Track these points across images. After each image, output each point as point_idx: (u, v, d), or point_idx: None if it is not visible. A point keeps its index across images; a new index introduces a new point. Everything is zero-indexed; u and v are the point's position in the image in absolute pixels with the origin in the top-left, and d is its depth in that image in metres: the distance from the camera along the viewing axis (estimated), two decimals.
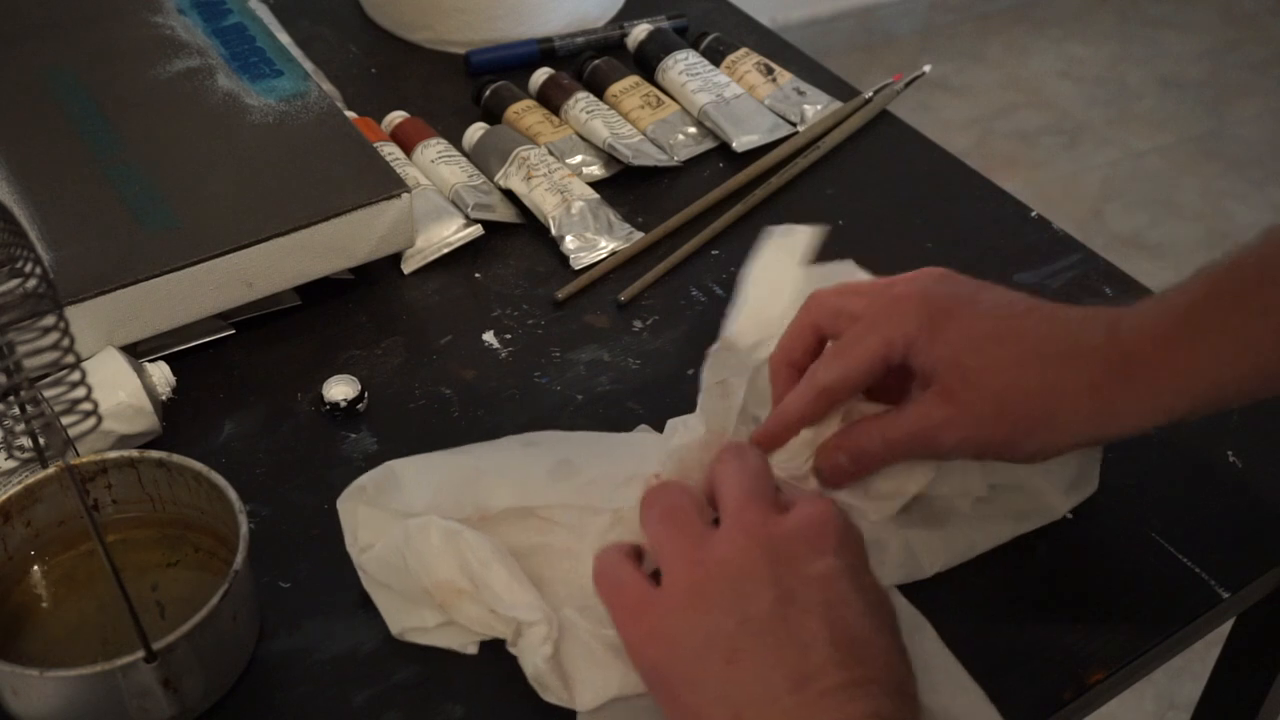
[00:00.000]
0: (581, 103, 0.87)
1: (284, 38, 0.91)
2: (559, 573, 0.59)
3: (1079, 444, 0.59)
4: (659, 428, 0.65)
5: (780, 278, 0.67)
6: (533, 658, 0.55)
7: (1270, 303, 0.53)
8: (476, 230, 0.79)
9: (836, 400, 0.59)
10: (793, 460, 0.61)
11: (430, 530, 0.57)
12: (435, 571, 0.57)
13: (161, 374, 0.68)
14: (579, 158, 0.84)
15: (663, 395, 0.70)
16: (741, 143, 0.86)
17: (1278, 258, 0.54)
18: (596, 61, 0.90)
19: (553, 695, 0.56)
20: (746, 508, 0.53)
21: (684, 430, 0.61)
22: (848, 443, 0.59)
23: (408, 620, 0.59)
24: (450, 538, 0.57)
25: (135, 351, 0.70)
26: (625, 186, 0.84)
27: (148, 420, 0.66)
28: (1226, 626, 0.71)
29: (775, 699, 0.48)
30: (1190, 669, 1.47)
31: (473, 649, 0.59)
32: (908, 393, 0.59)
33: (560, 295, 0.76)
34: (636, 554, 0.56)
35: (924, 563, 0.61)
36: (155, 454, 0.60)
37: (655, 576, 0.54)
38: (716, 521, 0.54)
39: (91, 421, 0.48)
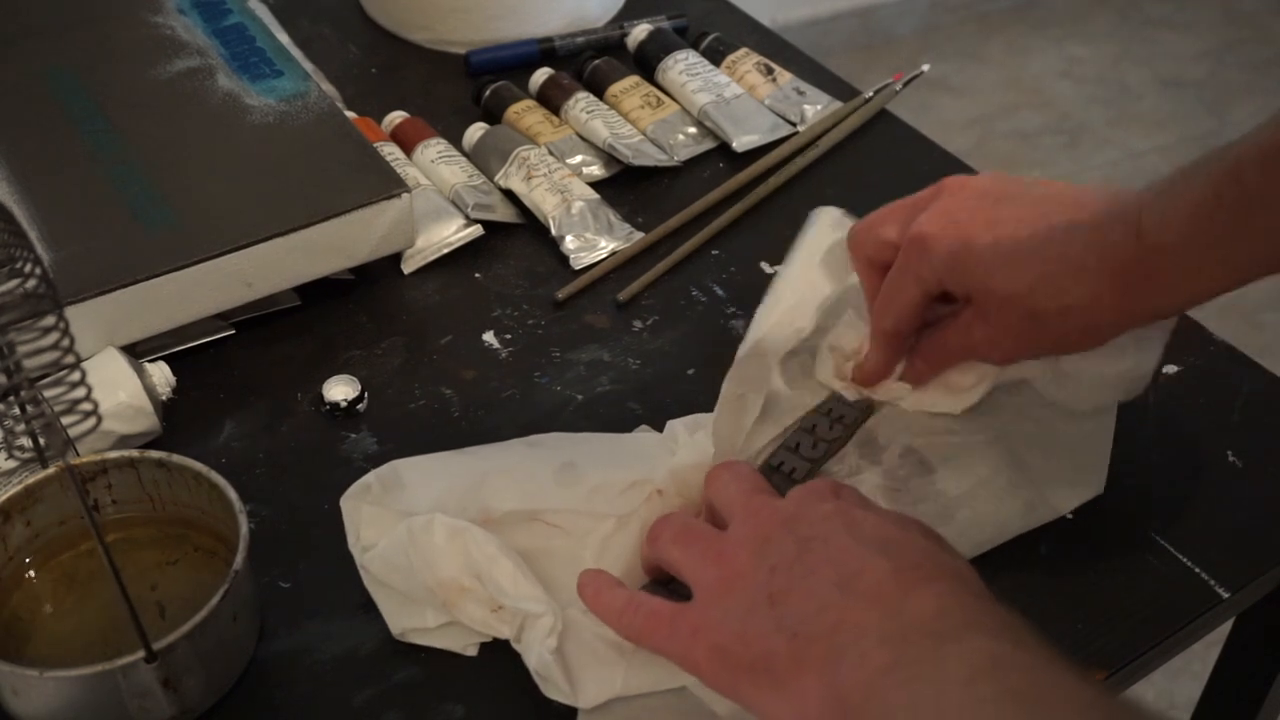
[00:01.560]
0: (581, 103, 0.87)
1: (284, 38, 0.91)
2: (562, 576, 0.59)
3: (1117, 334, 0.60)
4: (659, 428, 0.65)
5: (813, 276, 0.67)
6: (538, 649, 0.55)
7: None
8: (476, 230, 0.79)
9: (906, 336, 0.64)
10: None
11: (435, 527, 0.57)
12: (439, 569, 0.57)
13: (161, 374, 0.68)
14: (579, 158, 0.84)
15: (663, 395, 0.70)
16: (741, 143, 0.86)
17: None
18: (596, 61, 0.90)
19: (555, 690, 0.55)
20: (750, 500, 0.55)
21: (690, 448, 0.61)
22: (916, 355, 0.65)
23: (409, 620, 0.59)
24: (455, 535, 0.57)
25: (135, 351, 0.70)
26: (625, 186, 0.84)
27: (148, 420, 0.66)
28: (1226, 626, 0.71)
29: (825, 607, 0.48)
30: (1190, 669, 1.47)
31: (473, 650, 0.59)
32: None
33: (560, 295, 0.76)
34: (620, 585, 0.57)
35: None
36: (155, 454, 0.60)
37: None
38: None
39: (91, 421, 0.48)
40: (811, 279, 0.66)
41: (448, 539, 0.57)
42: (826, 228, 0.68)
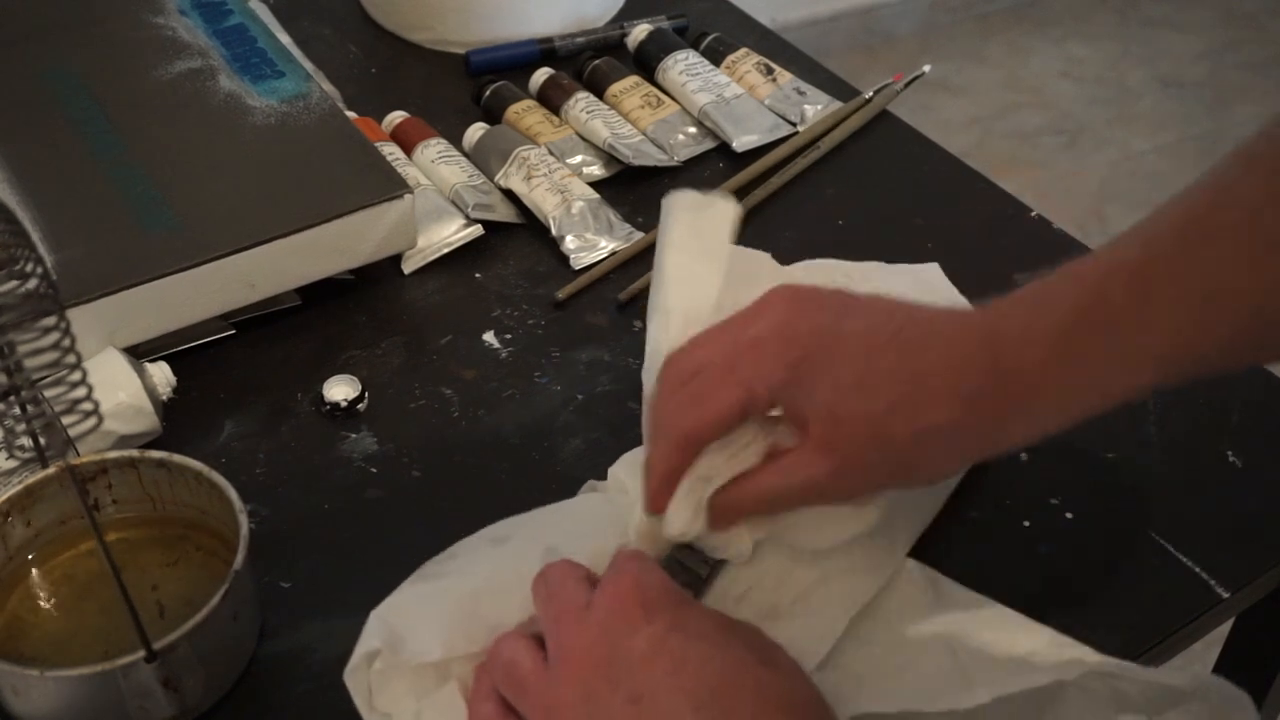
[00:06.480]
0: (581, 103, 0.87)
1: (284, 38, 0.91)
2: None
3: (969, 464, 0.60)
4: None
5: (703, 273, 0.61)
6: None
7: (1153, 321, 0.50)
8: (477, 230, 0.79)
9: (702, 446, 0.55)
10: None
11: None
12: None
13: (162, 374, 0.68)
14: (579, 158, 0.84)
15: None
16: (741, 143, 0.86)
17: (1156, 267, 0.50)
18: (596, 61, 0.90)
19: None
20: (559, 628, 0.52)
21: (640, 498, 0.58)
22: (731, 498, 0.56)
23: None
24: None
25: (136, 351, 0.70)
26: (625, 186, 0.84)
27: (148, 420, 0.66)
28: (1226, 626, 0.71)
29: None
30: (1190, 669, 1.47)
31: None
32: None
33: (560, 295, 0.76)
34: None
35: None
36: (156, 454, 0.60)
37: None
38: None
39: (92, 421, 0.48)
40: (694, 273, 0.60)
41: None
42: (682, 211, 0.62)
